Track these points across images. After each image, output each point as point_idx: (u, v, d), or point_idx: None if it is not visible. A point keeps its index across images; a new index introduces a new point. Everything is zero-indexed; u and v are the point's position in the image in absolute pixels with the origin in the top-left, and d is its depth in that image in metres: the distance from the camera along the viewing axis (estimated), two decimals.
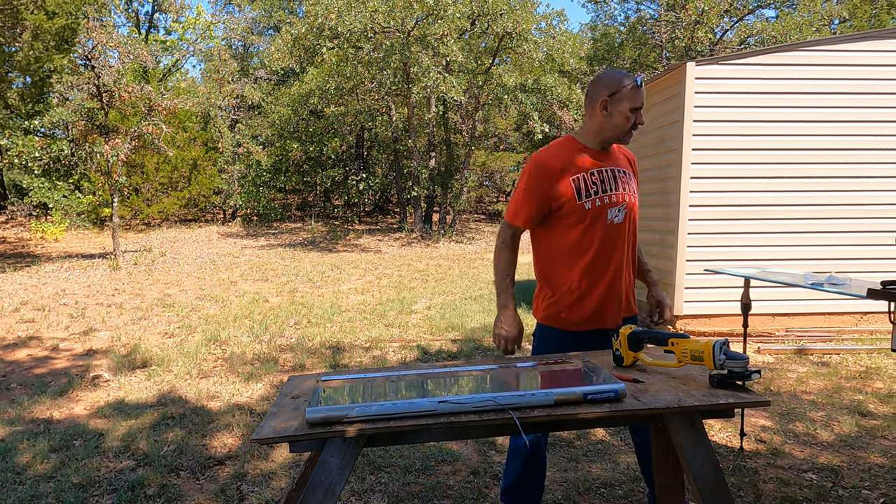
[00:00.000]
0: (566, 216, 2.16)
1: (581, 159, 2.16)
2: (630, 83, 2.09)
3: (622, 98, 2.08)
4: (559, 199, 2.14)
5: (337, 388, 1.88)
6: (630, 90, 2.08)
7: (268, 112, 20.57)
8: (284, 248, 14.59)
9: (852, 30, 21.46)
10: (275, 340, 5.85)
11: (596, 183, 2.15)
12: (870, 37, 5.75)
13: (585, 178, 2.14)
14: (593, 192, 2.14)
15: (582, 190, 2.13)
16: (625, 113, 2.09)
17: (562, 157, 2.16)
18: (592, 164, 2.17)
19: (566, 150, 2.18)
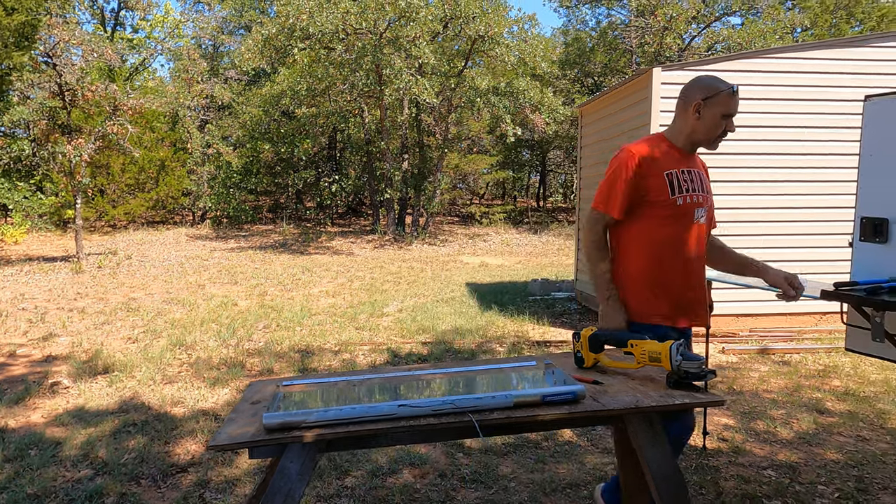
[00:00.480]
0: (658, 208, 2.15)
1: (672, 156, 2.19)
2: (725, 89, 2.11)
3: (716, 103, 2.11)
4: (652, 191, 2.15)
5: (298, 393, 1.86)
6: (724, 96, 2.10)
7: (238, 113, 20.29)
8: (255, 251, 14.39)
9: (813, 38, 22.14)
10: (242, 344, 5.76)
11: (687, 181, 2.17)
12: (829, 45, 5.94)
13: (678, 175, 2.16)
14: (685, 188, 2.16)
15: (675, 185, 2.15)
16: (716, 118, 2.12)
17: (656, 151, 2.18)
18: (682, 163, 2.20)
19: (659, 145, 2.21)
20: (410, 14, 13.63)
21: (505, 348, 5.57)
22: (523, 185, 29.31)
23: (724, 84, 2.12)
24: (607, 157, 6.88)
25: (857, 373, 4.77)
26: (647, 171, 2.14)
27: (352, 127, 20.23)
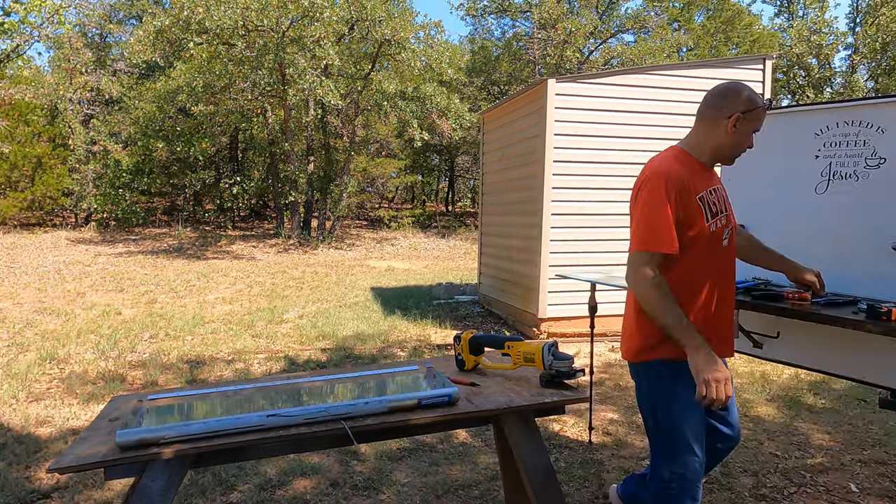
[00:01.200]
0: (694, 240, 1.85)
1: (699, 175, 1.91)
2: (763, 105, 1.93)
3: (753, 118, 1.90)
4: (691, 220, 1.83)
5: (164, 408, 1.75)
6: (760, 112, 1.92)
7: (129, 108, 18.96)
8: (146, 256, 13.49)
9: (696, 57, 24.02)
10: (125, 356, 5.37)
11: (716, 202, 1.91)
12: (706, 65, 6.45)
13: (707, 198, 1.88)
14: (716, 211, 1.90)
15: (708, 211, 1.87)
16: (748, 133, 1.92)
17: (686, 171, 1.88)
18: (707, 182, 1.92)
19: (684, 162, 1.92)
20: (314, 14, 13.36)
21: (406, 353, 5.56)
22: (433, 190, 29.56)
23: (761, 98, 1.94)
24: (508, 162, 7.08)
25: (728, 366, 5.18)
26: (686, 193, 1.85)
27: (254, 127, 19.50)
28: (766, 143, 2.79)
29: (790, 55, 22.32)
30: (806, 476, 3.18)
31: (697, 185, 1.87)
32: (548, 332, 6.11)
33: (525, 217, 6.47)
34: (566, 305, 6.13)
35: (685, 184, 1.84)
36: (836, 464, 3.31)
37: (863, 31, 21.85)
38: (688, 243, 1.85)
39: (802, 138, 2.66)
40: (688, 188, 1.84)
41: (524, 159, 6.63)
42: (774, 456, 3.41)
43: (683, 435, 1.85)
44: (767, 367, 5.10)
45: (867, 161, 2.43)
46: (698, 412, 1.90)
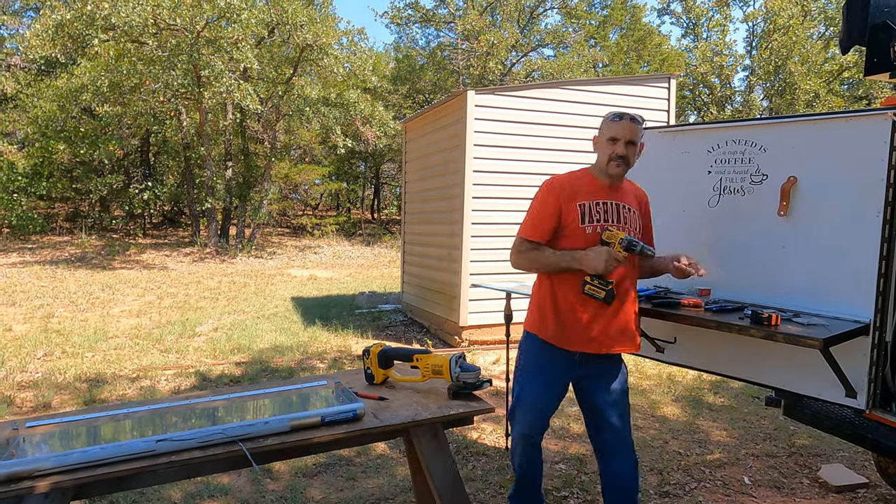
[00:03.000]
0: (569, 237, 2.27)
1: (590, 188, 2.33)
2: (609, 115, 2.35)
3: (604, 130, 2.32)
4: (566, 219, 2.28)
5: (44, 435, 1.61)
6: (608, 122, 2.32)
7: (26, 106, 17.53)
8: (43, 266, 12.50)
9: (611, 73, 25.21)
10: (13, 377, 4.93)
11: (599, 212, 2.28)
12: (617, 81, 6.77)
13: (590, 206, 2.29)
14: (595, 219, 2.27)
15: (585, 215, 2.27)
16: (604, 142, 2.30)
17: (574, 183, 2.34)
18: (599, 194, 2.32)
19: (579, 178, 2.37)
20: (231, 15, 12.92)
21: (326, 364, 5.45)
22: (358, 197, 29.26)
23: (614, 112, 2.37)
24: (429, 171, 7.12)
25: (638, 369, 5.43)
26: (563, 198, 2.30)
27: (168, 130, 18.56)
28: (666, 158, 2.95)
29: (696, 74, 23.85)
30: (706, 471, 3.37)
31: (584, 194, 2.31)
32: (469, 340, 6.17)
33: (446, 226, 6.52)
34: (486, 313, 6.21)
35: (568, 191, 2.31)
36: (732, 458, 3.54)
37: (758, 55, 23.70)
38: (562, 234, 2.30)
39: (698, 155, 2.83)
40: (569, 194, 2.30)
41: (443, 169, 6.68)
42: (678, 454, 3.60)
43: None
44: (673, 370, 5.38)
45: (752, 177, 2.63)
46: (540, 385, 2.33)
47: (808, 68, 20.84)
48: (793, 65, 21.05)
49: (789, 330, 2.07)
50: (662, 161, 2.97)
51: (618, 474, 2.38)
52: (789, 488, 3.18)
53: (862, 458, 3.54)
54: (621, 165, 2.29)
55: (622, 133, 2.26)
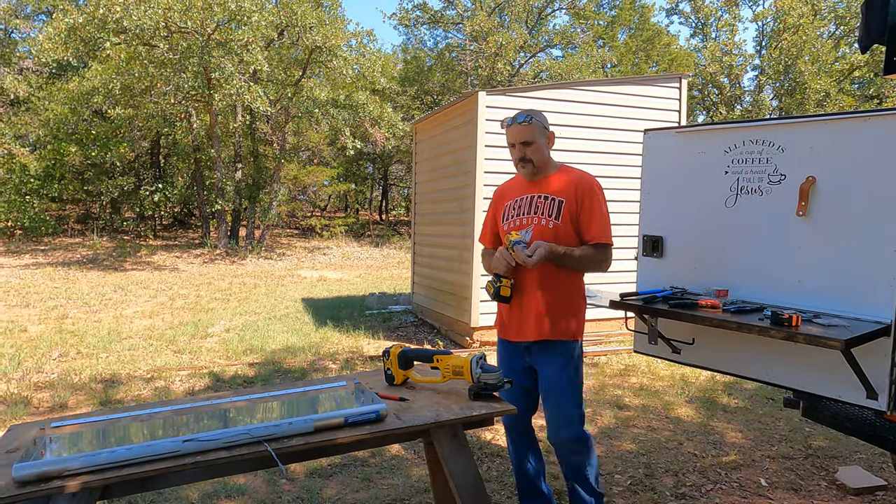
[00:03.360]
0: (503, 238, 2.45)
1: (517, 188, 2.52)
2: (503, 122, 2.48)
3: (505, 135, 2.47)
4: (500, 221, 2.52)
5: (70, 436, 1.63)
6: (504, 128, 2.46)
7: (38, 109, 17.70)
8: (56, 267, 12.61)
9: (620, 74, 25.14)
10: (29, 377, 4.98)
11: (515, 208, 2.46)
12: (627, 82, 6.74)
13: (510, 204, 2.49)
14: (511, 215, 2.46)
15: (506, 214, 2.48)
16: (510, 148, 2.45)
17: (508, 186, 2.58)
18: (521, 191, 2.49)
19: (513, 180, 2.59)
20: (241, 17, 12.99)
21: (338, 365, 5.46)
22: (366, 199, 29.32)
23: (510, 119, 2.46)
24: (439, 172, 7.12)
25: (650, 370, 5.41)
26: (497, 203, 2.57)
27: (178, 132, 18.69)
28: (682, 158, 2.94)
29: (704, 74, 23.73)
30: (721, 473, 3.35)
31: (511, 194, 2.52)
32: (480, 341, 6.17)
33: (457, 227, 6.52)
34: None
35: (502, 194, 2.58)
36: (748, 460, 3.52)
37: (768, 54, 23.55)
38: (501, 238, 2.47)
39: (714, 155, 2.82)
40: (502, 197, 2.56)
41: (454, 170, 6.69)
42: (693, 455, 3.58)
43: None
44: (686, 370, 5.36)
45: (770, 177, 2.61)
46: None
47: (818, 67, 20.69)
48: (803, 64, 20.92)
49: (810, 331, 2.06)
50: (678, 161, 2.96)
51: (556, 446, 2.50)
52: (806, 490, 3.16)
53: (880, 460, 3.51)
54: (527, 166, 2.43)
55: (514, 138, 2.41)
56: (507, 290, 2.30)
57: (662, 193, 3.06)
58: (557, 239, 2.37)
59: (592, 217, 2.44)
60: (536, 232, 2.40)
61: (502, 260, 2.31)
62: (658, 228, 3.05)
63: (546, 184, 2.47)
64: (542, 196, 2.44)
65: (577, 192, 2.44)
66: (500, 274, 2.33)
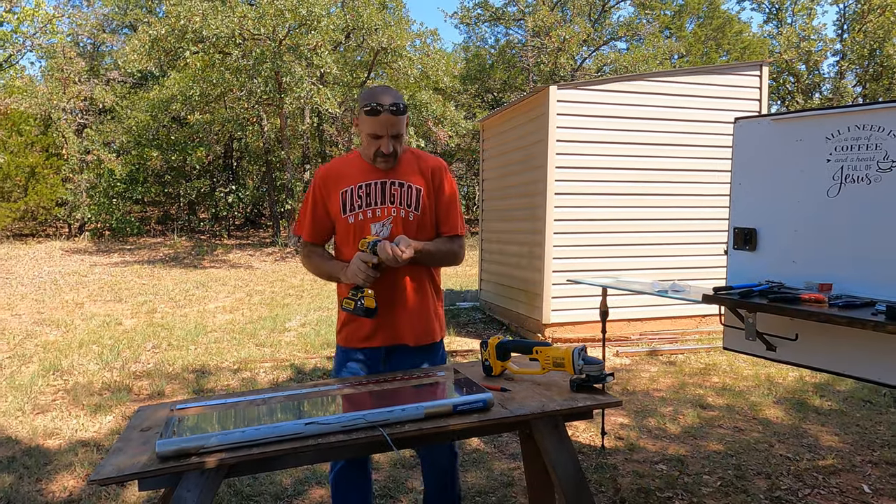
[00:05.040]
0: (338, 230, 2.13)
1: (357, 171, 2.09)
2: (361, 103, 1.97)
3: (362, 121, 2.00)
4: (332, 210, 2.10)
5: (193, 417, 1.74)
6: (362, 114, 1.97)
7: (122, 117, 18.89)
8: (142, 265, 13.40)
9: (688, 64, 24.26)
10: (128, 367, 5.33)
11: (362, 196, 2.06)
12: (704, 71, 6.52)
13: (352, 191, 2.07)
14: (358, 205, 2.06)
15: (347, 203, 2.07)
16: (365, 136, 2.01)
17: (341, 168, 2.12)
18: (365, 176, 2.08)
19: (348, 162, 2.13)
20: (311, 22, 13.39)
21: None
22: None
23: (369, 100, 1.95)
24: (509, 169, 7.11)
25: (732, 369, 5.22)
26: (326, 190, 2.10)
27: (250, 135, 19.47)
28: (777, 147, 2.82)
29: (780, 61, 22.57)
30: (818, 478, 3.20)
31: (349, 180, 2.08)
32: (552, 338, 6.12)
33: (527, 223, 6.49)
34: (570, 311, 6.14)
35: (332, 179, 2.10)
36: (847, 465, 3.34)
37: (850, 38, 22.13)
38: (335, 229, 2.15)
39: (813, 142, 2.69)
40: (333, 183, 2.10)
41: (523, 166, 6.66)
42: (786, 458, 3.43)
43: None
44: (772, 370, 5.14)
45: (879, 164, 2.47)
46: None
47: None
48: (890, 47, 19.54)
49: None
50: (772, 150, 2.84)
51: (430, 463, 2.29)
52: None
53: None
54: (389, 161, 2.04)
55: (383, 129, 1.96)
56: (371, 302, 1.94)
57: (755, 184, 2.94)
58: (419, 233, 2.09)
59: (451, 206, 2.17)
60: (396, 226, 2.06)
61: (361, 266, 1.93)
62: (751, 220, 2.94)
63: (397, 169, 2.09)
64: (395, 183, 2.07)
65: (434, 179, 2.14)
66: (360, 285, 1.96)
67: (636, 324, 6.36)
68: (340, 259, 2.13)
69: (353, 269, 1.97)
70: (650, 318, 6.38)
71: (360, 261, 1.95)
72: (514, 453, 3.53)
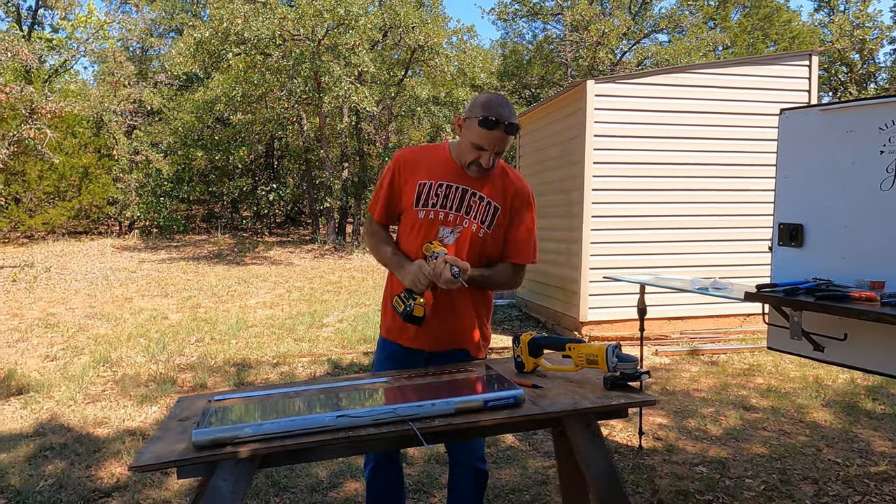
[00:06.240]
0: (405, 220, 2.06)
1: (439, 166, 2.02)
2: (480, 116, 1.88)
3: (472, 130, 1.91)
4: (405, 198, 2.04)
5: (230, 408, 1.78)
6: (475, 125, 1.89)
7: (169, 118, 19.52)
8: (187, 262, 13.82)
9: (733, 56, 23.50)
10: (173, 359, 5.50)
11: (438, 195, 2.00)
12: (749, 62, 6.31)
13: (430, 186, 2.00)
14: (432, 203, 2.00)
15: (421, 197, 2.00)
16: (468, 143, 1.93)
17: (422, 157, 2.05)
18: (446, 175, 2.01)
19: (432, 152, 2.07)
20: (349, 22, 13.54)
21: None
22: None
23: (487, 111, 1.87)
24: (545, 165, 7.04)
25: (778, 370, 5.04)
26: (404, 175, 2.04)
27: (290, 134, 19.84)
28: (826, 139, 2.71)
29: (831, 51, 21.65)
30: (870, 484, 3.06)
31: (430, 173, 2.02)
32: (589, 336, 6.03)
33: (564, 219, 6.41)
34: (608, 309, 6.05)
35: (412, 165, 2.04)
36: None
37: None
38: (401, 213, 2.09)
39: (866, 133, 2.56)
40: (412, 170, 2.03)
41: (559, 162, 6.58)
42: (835, 463, 3.30)
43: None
44: (821, 372, 4.94)
45: None
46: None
47: None
48: None
49: None
50: (820, 142, 2.72)
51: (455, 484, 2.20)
52: None
53: None
54: (483, 174, 1.98)
55: (491, 144, 1.90)
56: (420, 310, 1.89)
57: (802, 178, 2.83)
58: (483, 250, 2.04)
59: (528, 236, 2.11)
60: (464, 238, 2.00)
61: (421, 277, 1.88)
62: (797, 216, 2.83)
63: (482, 181, 2.02)
64: (476, 195, 2.00)
65: (515, 202, 2.06)
66: (415, 291, 1.90)
67: (677, 322, 6.21)
68: (399, 249, 2.09)
69: (412, 275, 1.91)
70: (691, 316, 6.22)
71: (420, 270, 1.89)
72: (548, 451, 3.50)
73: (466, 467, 2.17)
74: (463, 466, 2.18)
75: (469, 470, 2.17)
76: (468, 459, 2.16)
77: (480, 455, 2.19)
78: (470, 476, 2.18)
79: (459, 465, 2.19)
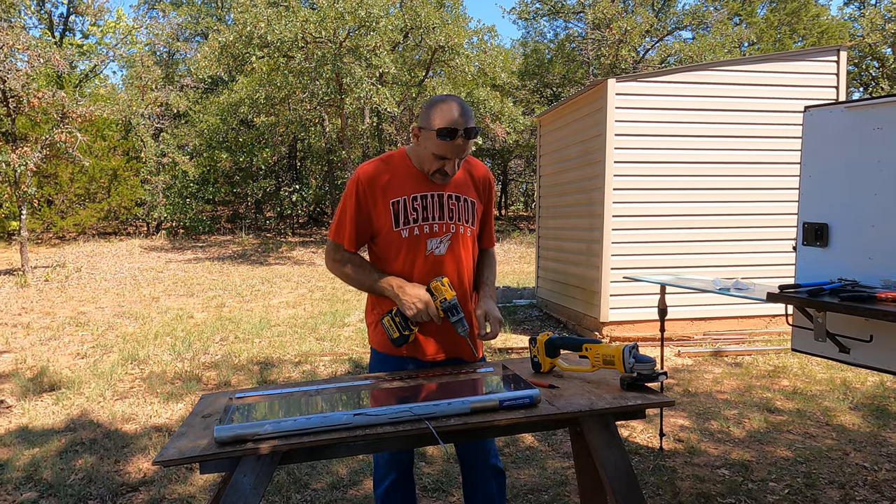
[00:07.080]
0: (385, 243, 1.95)
1: (407, 179, 1.91)
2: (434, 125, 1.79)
3: (429, 140, 1.83)
4: (378, 222, 1.92)
5: (252, 405, 1.82)
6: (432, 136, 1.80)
7: (195, 121, 19.87)
8: (212, 262, 14.06)
9: (759, 52, 23.08)
10: (198, 358, 5.61)
11: (417, 209, 1.90)
12: (774, 59, 6.20)
13: (405, 203, 1.90)
14: (413, 218, 1.90)
15: (400, 215, 1.90)
16: (428, 153, 1.85)
17: (385, 174, 1.92)
18: (417, 186, 1.91)
19: (391, 165, 1.94)
20: (370, 24, 13.63)
21: None
22: None
23: (443, 122, 1.78)
24: (566, 165, 7.01)
25: (804, 372, 4.95)
26: (374, 197, 1.90)
27: (312, 136, 20.06)
28: (853, 136, 2.65)
29: (862, 46, 21.12)
30: None
31: (400, 189, 1.90)
32: (610, 336, 5.99)
33: (585, 219, 6.38)
34: (629, 309, 6.00)
35: (377, 184, 1.90)
36: None
37: None
38: (379, 239, 1.96)
39: (895, 130, 2.51)
40: (381, 189, 1.90)
41: (579, 161, 6.54)
42: (862, 467, 3.23)
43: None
44: (849, 374, 4.84)
45: None
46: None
47: None
48: None
49: None
50: (847, 140, 2.67)
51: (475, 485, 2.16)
52: None
53: None
54: (447, 179, 1.91)
55: (453, 153, 1.82)
56: (412, 337, 1.94)
57: (828, 176, 2.78)
58: (474, 248, 2.04)
59: (490, 218, 2.12)
60: (455, 244, 1.96)
61: (425, 316, 1.87)
62: (823, 215, 2.78)
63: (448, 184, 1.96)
64: (452, 196, 1.94)
65: (485, 191, 2.06)
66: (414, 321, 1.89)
67: (699, 323, 6.13)
68: (385, 270, 1.98)
69: (415, 308, 1.86)
70: (715, 317, 6.14)
71: (426, 310, 1.86)
72: (567, 452, 3.49)
73: (483, 467, 2.17)
74: (479, 467, 2.18)
75: (487, 469, 2.17)
76: (484, 459, 2.17)
77: (494, 452, 2.19)
78: (489, 475, 2.18)
79: (475, 467, 2.19)
